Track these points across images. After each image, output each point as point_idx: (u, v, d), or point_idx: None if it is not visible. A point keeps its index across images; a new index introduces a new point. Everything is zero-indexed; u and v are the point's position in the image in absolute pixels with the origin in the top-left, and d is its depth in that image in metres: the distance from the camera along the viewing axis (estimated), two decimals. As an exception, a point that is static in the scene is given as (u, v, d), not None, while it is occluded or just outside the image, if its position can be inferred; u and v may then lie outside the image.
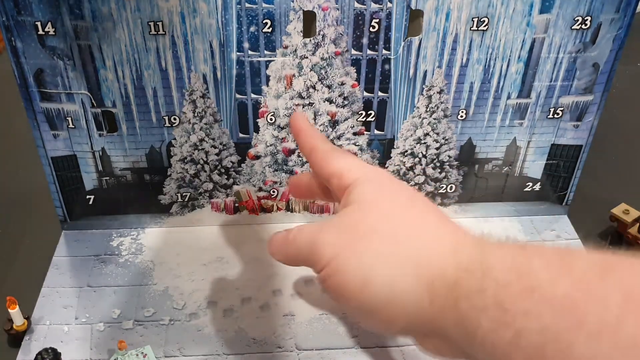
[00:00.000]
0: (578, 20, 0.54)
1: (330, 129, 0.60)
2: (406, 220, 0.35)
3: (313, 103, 0.58)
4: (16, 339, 0.54)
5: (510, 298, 0.27)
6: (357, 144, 0.61)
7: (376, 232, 0.34)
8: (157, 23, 0.52)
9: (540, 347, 0.25)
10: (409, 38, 0.55)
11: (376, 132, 0.61)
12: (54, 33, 0.52)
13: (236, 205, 0.65)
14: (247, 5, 0.52)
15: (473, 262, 0.30)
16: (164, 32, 0.53)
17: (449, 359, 0.35)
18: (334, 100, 0.58)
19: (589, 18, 0.54)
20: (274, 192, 0.64)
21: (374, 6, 0.53)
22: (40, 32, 0.51)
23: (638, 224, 0.63)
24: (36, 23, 0.51)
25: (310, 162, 0.42)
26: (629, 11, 0.54)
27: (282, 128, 0.60)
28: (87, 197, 0.62)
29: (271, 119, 0.59)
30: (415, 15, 0.54)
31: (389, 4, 0.53)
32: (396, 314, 0.33)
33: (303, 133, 0.43)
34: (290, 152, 0.61)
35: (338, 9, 0.53)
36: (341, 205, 0.38)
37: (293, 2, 0.52)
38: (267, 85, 0.57)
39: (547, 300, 0.26)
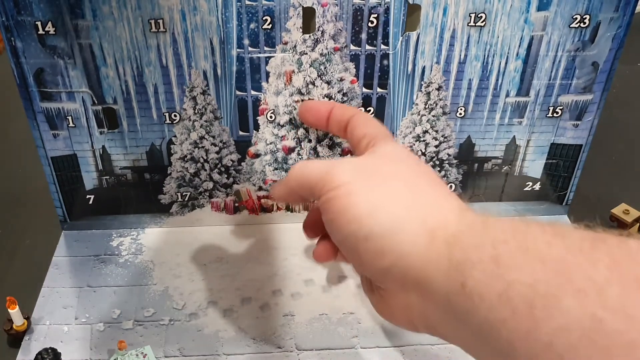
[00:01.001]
0: (577, 18, 0.55)
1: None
2: (423, 178, 0.37)
3: (312, 99, 0.58)
4: (16, 339, 0.54)
5: (505, 254, 0.28)
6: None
7: (395, 177, 0.36)
8: (158, 21, 0.52)
9: (529, 300, 0.26)
10: (407, 33, 0.55)
11: (376, 129, 0.61)
12: (54, 32, 0.52)
13: (236, 205, 0.65)
14: (247, 2, 0.52)
15: (475, 221, 0.32)
16: (164, 30, 0.53)
17: (409, 325, 0.36)
18: (333, 96, 0.58)
19: (588, 16, 0.54)
20: (274, 192, 0.64)
21: (373, 1, 0.53)
22: (41, 31, 0.52)
23: (638, 224, 0.63)
24: (36, 23, 0.51)
25: (348, 127, 0.44)
26: (629, 10, 0.54)
27: (282, 126, 0.60)
28: (87, 196, 0.62)
29: (271, 117, 0.59)
30: (413, 10, 0.54)
31: (387, -1, 0.53)
32: (390, 247, 0.33)
33: (337, 107, 0.47)
34: (290, 150, 0.61)
35: (337, 5, 0.53)
36: (370, 151, 0.41)
37: None
38: (267, 81, 0.57)
39: (540, 259, 0.26)
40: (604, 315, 0.23)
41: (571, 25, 0.55)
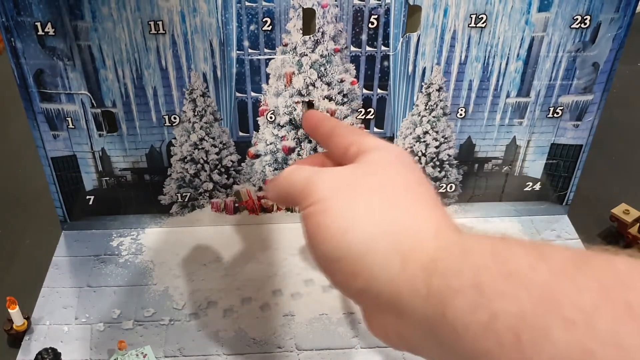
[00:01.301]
0: (577, 19, 0.54)
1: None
2: (404, 192, 0.35)
3: (313, 100, 0.58)
4: (16, 339, 0.54)
5: (488, 281, 0.27)
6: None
7: (372, 191, 0.35)
8: (157, 22, 0.52)
9: (516, 331, 0.25)
10: (407, 34, 0.55)
11: (375, 130, 0.60)
12: (53, 33, 0.52)
13: (236, 205, 0.65)
14: (247, 3, 0.52)
15: (453, 244, 0.30)
16: (164, 32, 0.53)
17: (392, 343, 0.34)
18: (333, 97, 0.58)
19: (589, 17, 0.54)
20: (274, 192, 0.64)
21: (373, 2, 0.53)
22: (40, 32, 0.52)
23: (638, 224, 0.63)
24: (36, 23, 0.51)
25: (332, 139, 0.42)
26: (629, 11, 0.54)
27: (282, 126, 0.60)
28: (87, 197, 0.62)
29: (271, 117, 0.59)
30: (413, 11, 0.54)
31: (388, 0, 0.53)
32: (362, 268, 0.32)
33: (324, 120, 0.44)
34: (290, 150, 0.61)
35: (337, 6, 0.53)
36: (360, 158, 0.38)
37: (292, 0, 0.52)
38: (267, 83, 0.57)
39: (525, 285, 0.25)
40: (594, 347, 0.23)
41: (572, 26, 0.55)
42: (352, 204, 0.34)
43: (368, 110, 0.59)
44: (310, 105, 0.59)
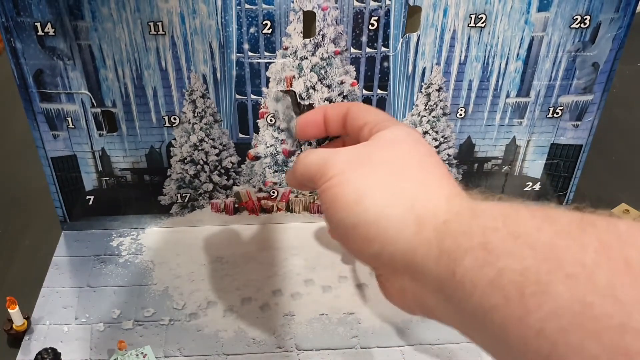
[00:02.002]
0: (577, 19, 0.54)
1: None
2: (416, 162, 0.36)
3: (313, 104, 0.58)
4: (16, 339, 0.54)
5: (495, 240, 0.28)
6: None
7: (386, 163, 0.36)
8: (157, 23, 0.52)
9: (520, 286, 0.26)
10: (407, 34, 0.55)
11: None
12: (53, 33, 0.52)
13: (236, 206, 0.65)
14: (247, 6, 0.52)
15: (465, 207, 0.31)
16: (163, 33, 0.53)
17: (407, 307, 0.36)
18: (333, 99, 0.58)
19: (588, 17, 0.54)
20: (274, 192, 0.64)
21: (373, 4, 0.53)
22: (40, 32, 0.52)
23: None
24: (36, 24, 0.51)
25: (347, 122, 0.44)
26: (629, 11, 0.54)
27: (282, 130, 0.60)
28: (87, 197, 0.62)
29: (271, 120, 0.59)
30: (413, 12, 0.54)
31: (388, 1, 0.53)
32: (377, 233, 0.34)
33: (329, 107, 0.45)
34: (290, 153, 0.61)
35: (337, 9, 0.53)
36: (372, 137, 0.40)
37: (293, 2, 0.52)
38: (267, 87, 0.57)
39: (531, 245, 0.27)
40: (593, 300, 0.24)
41: (572, 26, 0.55)
42: (366, 175, 0.36)
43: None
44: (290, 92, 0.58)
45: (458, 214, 0.31)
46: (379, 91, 0.58)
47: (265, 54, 0.55)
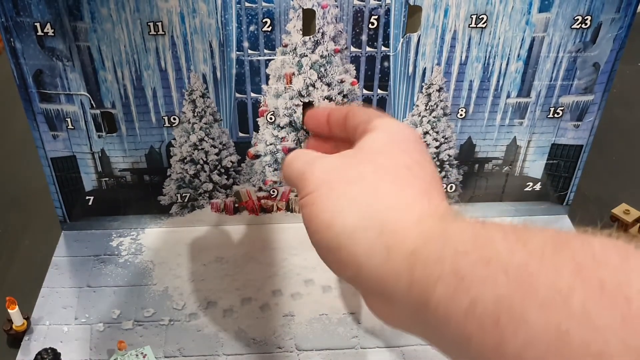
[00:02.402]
0: (578, 19, 0.54)
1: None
2: (392, 179, 0.36)
3: (313, 101, 0.58)
4: (16, 339, 0.54)
5: (467, 266, 0.27)
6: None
7: (360, 179, 0.35)
8: (157, 23, 0.52)
9: (495, 315, 0.25)
10: (407, 34, 0.55)
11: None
12: (53, 34, 0.52)
13: (236, 205, 0.65)
14: (247, 4, 0.52)
15: (434, 233, 0.31)
16: (163, 33, 0.53)
17: (390, 323, 0.35)
18: (333, 98, 0.58)
19: (589, 17, 0.54)
20: (274, 192, 0.64)
21: (373, 2, 0.53)
22: (40, 33, 0.52)
23: (638, 224, 0.63)
24: (35, 24, 0.51)
25: (346, 122, 0.43)
26: (630, 11, 0.54)
27: (282, 127, 0.60)
28: (87, 197, 0.62)
29: (271, 118, 0.59)
30: (413, 11, 0.54)
31: (388, 1, 0.53)
32: (349, 259, 0.34)
33: (334, 109, 0.45)
34: (290, 151, 0.61)
35: (337, 7, 0.53)
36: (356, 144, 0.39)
37: (292, 0, 0.52)
38: (267, 84, 0.57)
39: (503, 270, 0.26)
40: (569, 326, 0.23)
41: (572, 27, 0.55)
42: (340, 194, 0.35)
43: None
44: (310, 105, 0.58)
45: (428, 239, 0.31)
46: (379, 91, 0.58)
47: (265, 51, 0.55)
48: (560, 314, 0.23)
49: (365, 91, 0.58)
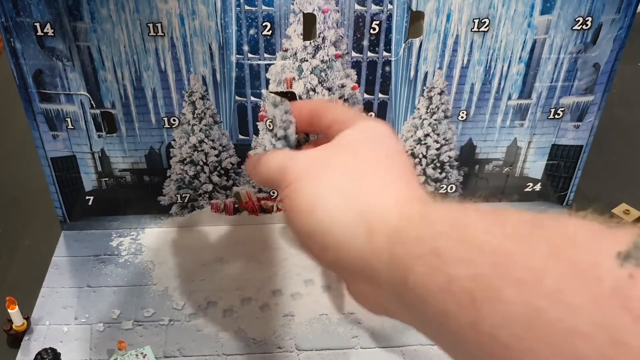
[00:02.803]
0: (579, 20, 0.54)
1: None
2: (374, 167, 0.36)
3: (294, 92, 0.58)
4: (16, 339, 0.54)
5: (445, 246, 0.28)
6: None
7: (342, 168, 0.36)
8: (156, 24, 0.52)
9: (471, 293, 0.26)
10: (409, 40, 0.55)
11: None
12: (53, 34, 0.52)
13: (236, 206, 0.65)
14: (247, 7, 0.52)
15: (416, 214, 0.31)
16: (163, 34, 0.52)
17: (371, 309, 0.36)
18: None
19: (590, 19, 0.54)
20: (273, 192, 0.64)
21: (375, 8, 0.53)
22: (40, 33, 0.51)
23: (638, 224, 0.63)
24: (35, 24, 0.51)
25: (315, 119, 0.44)
26: (630, 11, 0.54)
27: (278, 139, 0.59)
28: (87, 197, 0.62)
29: (269, 125, 0.59)
30: (416, 17, 0.53)
31: (390, 6, 0.52)
32: (330, 242, 0.34)
33: (319, 106, 0.45)
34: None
35: (338, 12, 0.53)
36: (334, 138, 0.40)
37: (293, 4, 0.52)
38: (267, 88, 0.57)
39: (480, 250, 0.27)
40: (543, 304, 0.24)
41: (574, 28, 0.55)
42: (321, 182, 0.36)
43: (369, 114, 0.59)
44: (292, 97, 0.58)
45: (409, 220, 0.31)
46: (380, 95, 0.58)
47: (265, 55, 0.55)
48: (534, 293, 0.24)
49: (366, 95, 0.58)
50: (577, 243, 0.24)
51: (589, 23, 0.54)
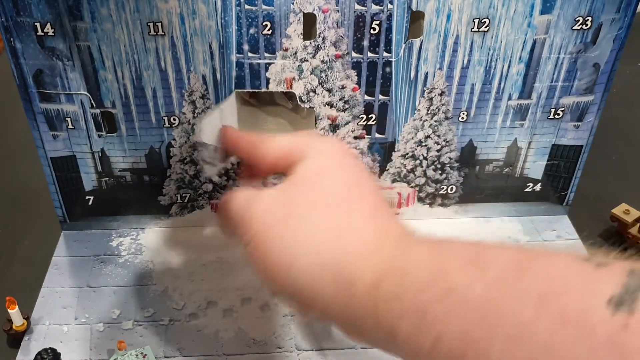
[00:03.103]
0: (579, 20, 0.54)
1: (331, 133, 0.60)
2: (336, 210, 0.34)
3: (313, 107, 0.58)
4: (16, 339, 0.54)
5: (428, 302, 0.27)
6: (357, 147, 0.61)
7: (304, 218, 0.34)
8: (157, 24, 0.52)
9: (461, 350, 0.25)
10: (410, 40, 0.55)
11: (377, 135, 0.60)
12: (53, 34, 0.52)
13: (236, 205, 0.65)
14: (247, 7, 0.52)
15: (391, 266, 0.30)
16: (163, 33, 0.52)
17: (367, 344, 0.36)
18: (334, 104, 0.58)
19: (590, 18, 0.54)
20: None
21: (375, 8, 0.53)
22: (40, 32, 0.51)
23: (638, 224, 0.63)
24: (35, 24, 0.51)
25: (255, 159, 0.41)
26: (630, 11, 0.54)
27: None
28: (87, 197, 0.62)
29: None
30: (416, 17, 0.53)
31: (390, 6, 0.52)
32: (313, 302, 0.33)
33: (240, 138, 0.43)
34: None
35: (338, 11, 0.53)
36: (288, 174, 0.38)
37: (293, 4, 0.52)
38: (267, 88, 0.57)
39: (464, 304, 0.26)
40: (537, 355, 0.23)
41: (573, 28, 0.55)
42: (286, 240, 0.34)
43: (370, 116, 0.59)
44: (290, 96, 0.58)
45: (385, 272, 0.30)
46: (380, 96, 0.58)
47: (265, 54, 0.55)
48: (525, 349, 0.23)
49: (366, 97, 0.58)
50: (564, 289, 0.24)
51: (588, 23, 0.54)
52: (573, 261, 0.25)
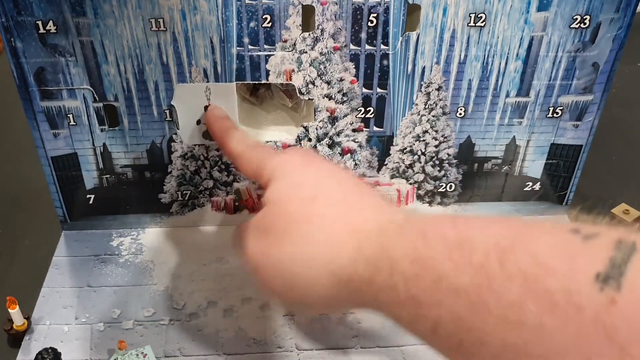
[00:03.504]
0: (577, 19, 0.55)
1: (330, 125, 0.60)
2: (312, 218, 0.36)
3: (312, 99, 0.58)
4: (16, 339, 0.54)
5: (421, 290, 0.28)
6: (356, 140, 0.61)
7: (287, 235, 0.37)
8: (158, 20, 0.52)
9: (458, 336, 0.26)
10: (407, 33, 0.55)
11: (375, 129, 0.61)
12: (55, 31, 0.52)
13: (236, 204, 0.65)
14: (247, 1, 0.52)
15: (379, 258, 0.31)
16: (165, 29, 0.53)
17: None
18: (333, 96, 0.58)
19: (588, 17, 0.54)
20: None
21: (372, 0, 0.53)
22: (42, 30, 0.52)
23: (638, 224, 0.63)
24: (37, 22, 0.51)
25: (223, 148, 0.47)
26: (629, 11, 0.54)
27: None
28: (88, 196, 0.62)
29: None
30: (413, 10, 0.54)
31: (387, -1, 0.53)
32: (321, 305, 0.36)
33: (215, 121, 0.47)
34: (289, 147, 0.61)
35: (337, 4, 0.53)
36: (263, 201, 0.41)
37: None
38: (267, 80, 0.57)
39: (454, 290, 0.26)
40: (527, 342, 0.23)
41: (571, 26, 0.55)
42: (278, 261, 0.37)
43: (368, 109, 0.59)
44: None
45: (376, 267, 0.31)
46: (378, 89, 0.58)
47: (265, 46, 0.55)
48: (516, 332, 0.24)
49: (364, 89, 0.58)
50: (549, 269, 0.24)
51: (587, 21, 0.55)
52: (559, 234, 0.25)
